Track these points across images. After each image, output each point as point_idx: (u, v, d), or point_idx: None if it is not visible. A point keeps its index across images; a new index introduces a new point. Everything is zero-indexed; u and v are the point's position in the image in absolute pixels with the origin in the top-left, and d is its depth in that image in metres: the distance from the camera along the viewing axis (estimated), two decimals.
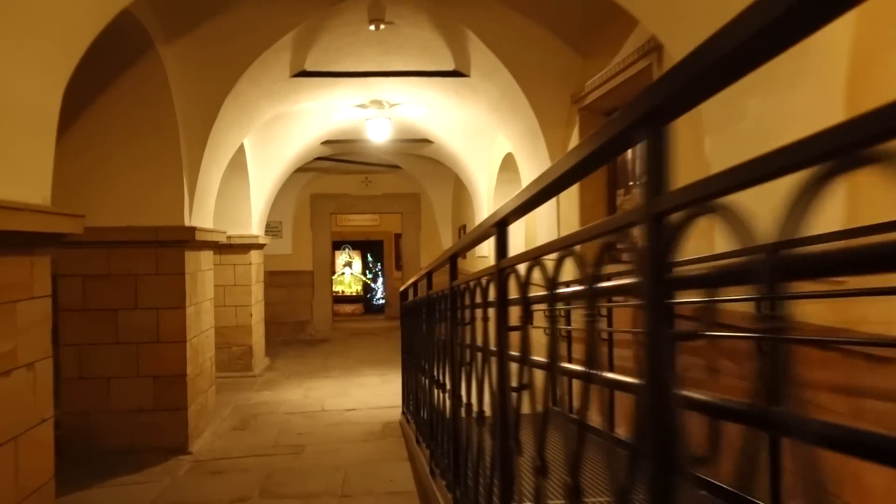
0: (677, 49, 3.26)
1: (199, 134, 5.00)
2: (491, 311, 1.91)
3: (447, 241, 12.62)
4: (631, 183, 4.69)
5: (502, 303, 1.63)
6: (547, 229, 5.92)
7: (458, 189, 11.58)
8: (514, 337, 1.54)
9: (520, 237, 8.39)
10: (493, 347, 1.82)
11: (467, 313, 2.43)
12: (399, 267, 16.27)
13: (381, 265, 18.47)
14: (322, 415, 6.15)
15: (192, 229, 4.90)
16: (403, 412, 5.59)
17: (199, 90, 4.88)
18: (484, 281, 1.94)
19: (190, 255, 5.08)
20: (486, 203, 8.82)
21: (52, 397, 2.74)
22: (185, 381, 4.95)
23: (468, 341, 2.39)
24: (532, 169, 6.11)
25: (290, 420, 5.97)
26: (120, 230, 4.80)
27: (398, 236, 16.55)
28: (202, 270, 5.48)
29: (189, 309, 5.04)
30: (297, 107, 6.95)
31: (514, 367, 1.64)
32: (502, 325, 1.63)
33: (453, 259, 2.51)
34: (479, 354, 1.98)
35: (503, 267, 1.63)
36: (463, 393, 2.28)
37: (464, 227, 11.04)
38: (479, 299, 2.15)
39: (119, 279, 4.87)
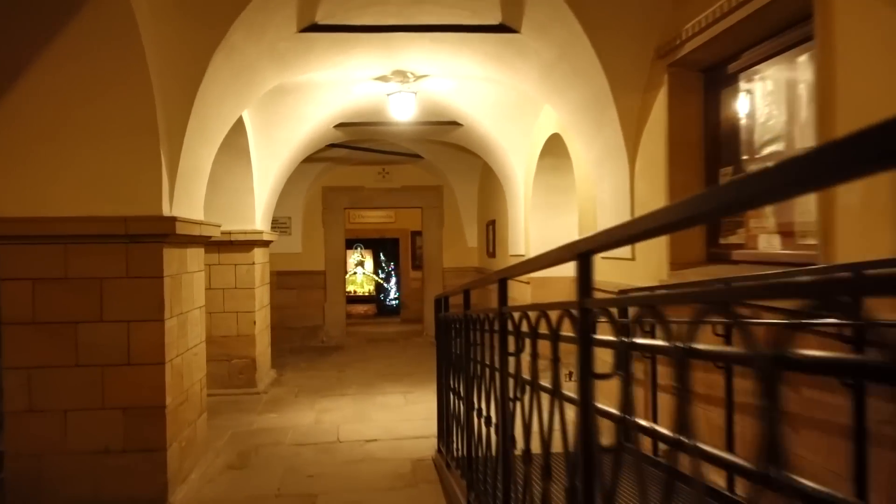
0: None
1: (181, 99, 3.92)
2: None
3: (472, 238, 11.50)
4: (745, 157, 3.55)
5: None
6: (613, 220, 4.78)
7: (486, 180, 10.47)
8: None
9: (543, 232, 7.28)
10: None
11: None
12: (417, 267, 15.21)
13: (396, 265, 17.44)
14: (338, 448, 5.05)
15: (173, 220, 3.82)
16: (439, 449, 4.49)
17: (179, 41, 3.79)
18: None
19: (171, 253, 4.00)
20: (523, 194, 7.70)
21: None
22: (164, 413, 3.88)
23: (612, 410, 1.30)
24: (593, 148, 4.99)
25: (299, 455, 4.88)
26: (79, 221, 3.74)
27: (415, 234, 15.50)
28: (189, 272, 4.40)
29: (170, 321, 3.97)
30: (306, 76, 5.86)
31: None
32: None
33: (585, 260, 1.39)
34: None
35: None
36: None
37: (493, 222, 9.92)
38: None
39: (79, 284, 3.81)
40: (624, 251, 4.61)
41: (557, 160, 6.87)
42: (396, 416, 5.98)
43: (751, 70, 3.52)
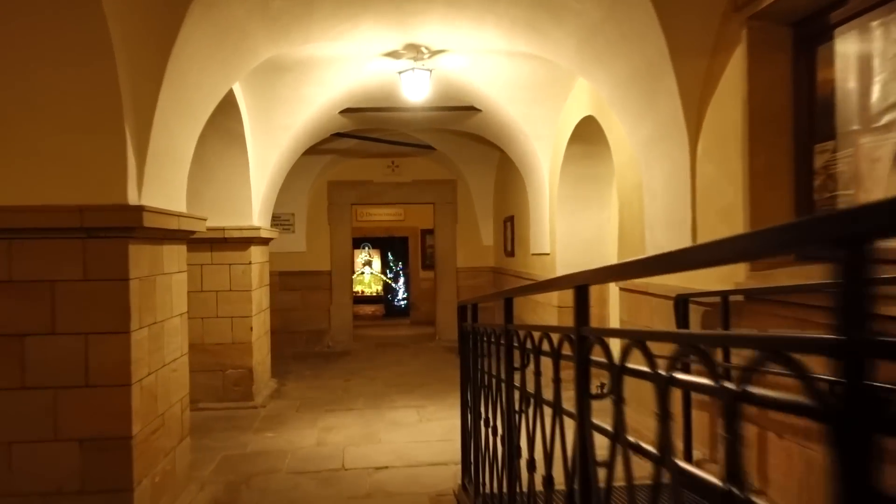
0: None
1: (150, 61, 3.21)
2: None
3: (488, 237, 10.76)
4: (855, 127, 2.81)
5: None
6: (667, 212, 4.05)
7: (503, 172, 9.74)
8: None
9: (572, 227, 6.55)
10: None
11: None
12: (427, 266, 14.52)
13: (404, 264, 16.75)
14: (343, 477, 4.34)
15: (139, 210, 3.12)
16: (464, 485, 3.76)
17: None
18: None
19: (139, 251, 3.30)
20: (548, 186, 6.96)
21: None
22: (130, 445, 3.18)
23: None
24: (641, 128, 4.25)
25: (298, 486, 4.18)
26: (24, 212, 3.04)
27: (425, 232, 14.82)
28: (165, 273, 3.70)
29: (138, 333, 3.26)
30: (307, 51, 5.16)
31: None
32: None
33: (858, 253, 0.67)
34: None
35: None
36: None
37: (511, 219, 9.19)
38: None
39: (26, 288, 3.11)
40: (682, 246, 3.87)
41: (590, 147, 6.14)
42: (409, 437, 5.26)
43: (862, 17, 2.78)
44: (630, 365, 1.23)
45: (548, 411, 1.85)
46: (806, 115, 3.10)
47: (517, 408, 2.31)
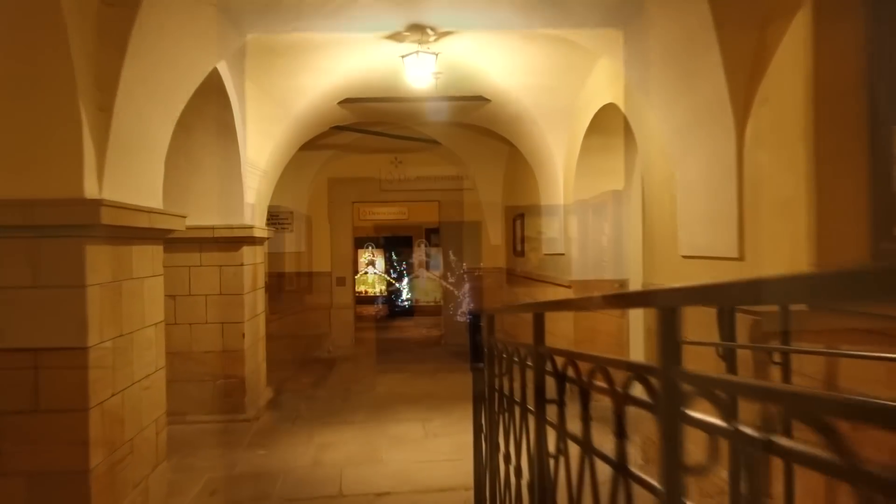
0: None
1: (110, 29, 2.74)
2: None
3: (497, 236, 10.26)
4: None
5: None
6: (707, 208, 3.57)
7: (513, 168, 9.25)
8: None
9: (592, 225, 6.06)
10: None
11: None
12: (432, 266, 14.07)
13: (408, 264, 16.29)
14: None
15: (97, 204, 2.66)
16: None
17: None
18: None
19: (100, 252, 2.83)
20: (563, 182, 6.48)
21: None
22: (88, 479, 2.71)
23: None
24: (675, 113, 3.77)
25: None
26: None
27: (430, 231, 14.37)
28: (135, 278, 3.23)
29: (98, 348, 2.79)
30: (300, 32, 4.68)
31: None
32: None
33: None
34: None
35: None
36: None
37: (521, 216, 8.71)
38: None
39: None
40: (726, 246, 3.39)
41: (609, 138, 5.65)
42: (414, 455, 4.79)
43: None
44: (787, 444, 0.74)
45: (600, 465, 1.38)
46: (886, 90, 2.61)
47: (551, 449, 1.83)
